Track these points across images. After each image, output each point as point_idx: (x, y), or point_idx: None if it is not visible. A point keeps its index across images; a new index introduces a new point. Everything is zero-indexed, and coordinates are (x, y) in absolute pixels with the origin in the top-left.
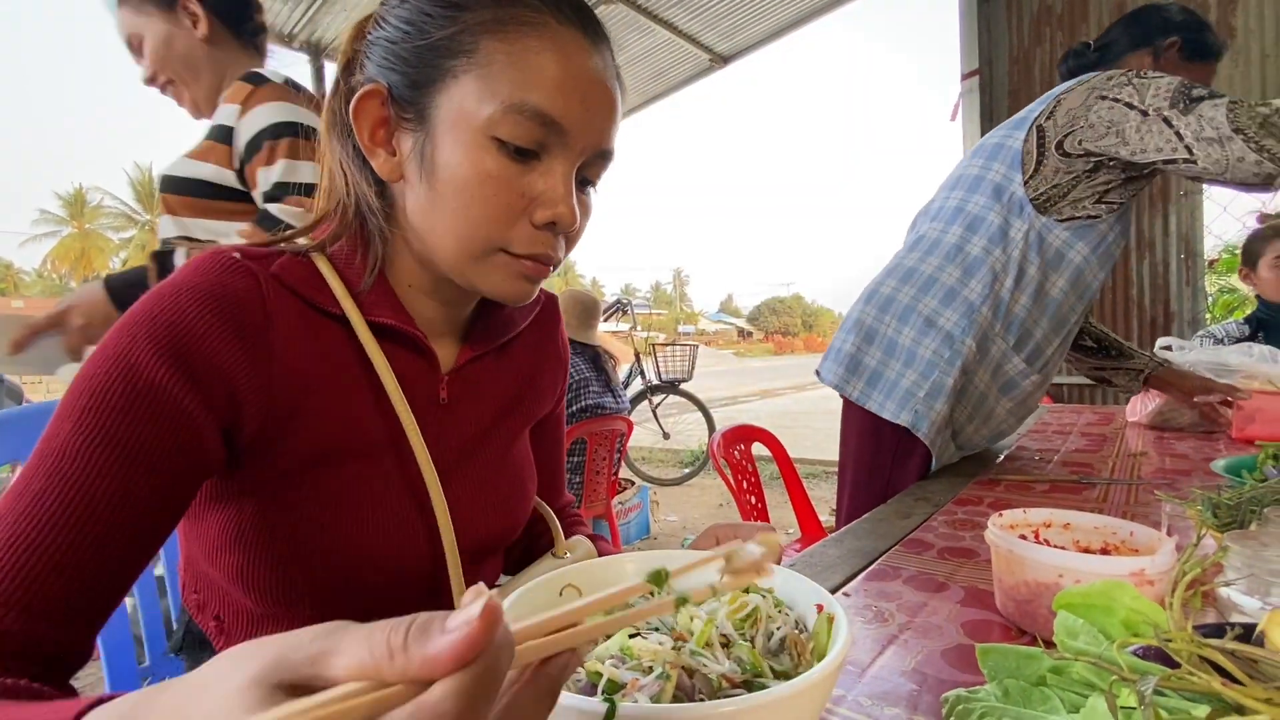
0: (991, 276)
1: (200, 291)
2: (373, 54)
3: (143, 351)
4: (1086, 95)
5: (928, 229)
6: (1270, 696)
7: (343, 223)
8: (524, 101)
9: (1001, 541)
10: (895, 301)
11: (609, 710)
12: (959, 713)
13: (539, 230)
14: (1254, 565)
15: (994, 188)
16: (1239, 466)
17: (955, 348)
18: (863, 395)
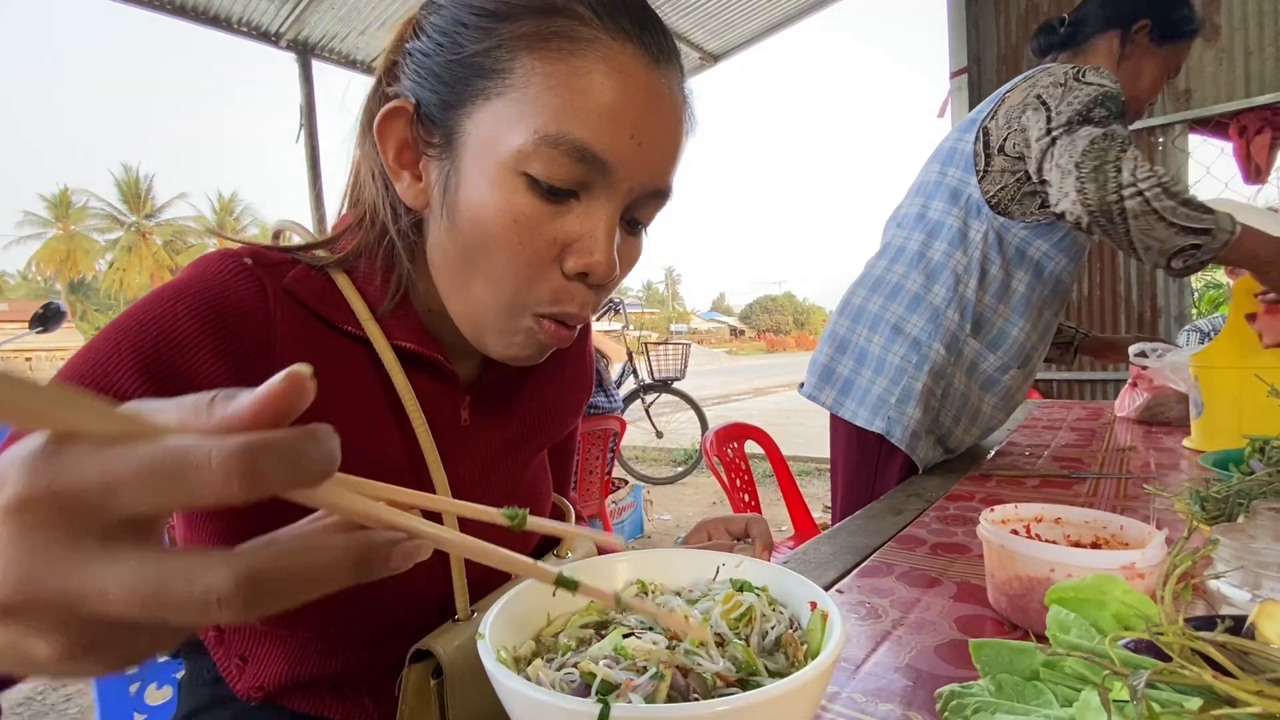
0: (954, 279)
1: (200, 300)
2: (408, 65)
3: (121, 361)
4: (1026, 94)
5: (894, 236)
6: (1262, 689)
7: (366, 238)
8: (561, 133)
9: (994, 536)
10: (865, 311)
11: (602, 711)
12: (953, 708)
13: (569, 282)
14: (1243, 558)
15: (951, 191)
16: (1226, 460)
17: (922, 352)
18: (835, 404)
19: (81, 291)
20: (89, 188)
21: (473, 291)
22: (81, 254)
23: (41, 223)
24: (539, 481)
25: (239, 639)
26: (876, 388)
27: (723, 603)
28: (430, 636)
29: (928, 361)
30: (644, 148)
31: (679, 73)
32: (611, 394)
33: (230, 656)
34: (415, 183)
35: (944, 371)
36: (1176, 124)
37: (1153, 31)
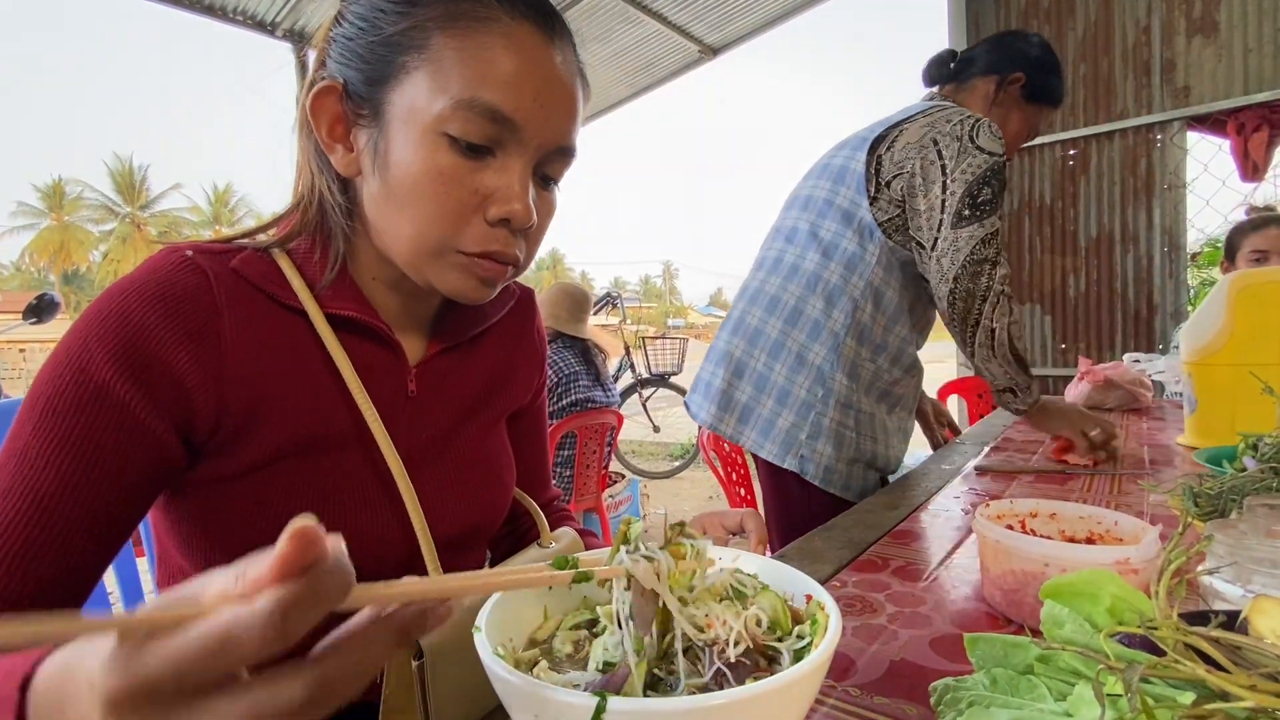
0: (852, 305)
1: (148, 291)
2: (333, 51)
3: (93, 354)
4: (923, 134)
5: (784, 251)
6: (1254, 683)
7: (304, 219)
8: (474, 98)
9: (989, 531)
10: (763, 334)
11: (599, 704)
12: (947, 701)
13: (493, 228)
14: (1236, 553)
15: (843, 213)
16: (1219, 457)
17: (828, 385)
18: (736, 433)
19: (75, 282)
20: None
21: (405, 237)
22: (75, 245)
23: (35, 213)
24: (498, 455)
25: None
26: (783, 421)
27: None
28: None
29: (833, 395)
30: (546, 109)
31: (572, 48)
32: (609, 388)
33: None
34: (348, 153)
35: (850, 400)
36: (1175, 121)
37: (1025, 87)
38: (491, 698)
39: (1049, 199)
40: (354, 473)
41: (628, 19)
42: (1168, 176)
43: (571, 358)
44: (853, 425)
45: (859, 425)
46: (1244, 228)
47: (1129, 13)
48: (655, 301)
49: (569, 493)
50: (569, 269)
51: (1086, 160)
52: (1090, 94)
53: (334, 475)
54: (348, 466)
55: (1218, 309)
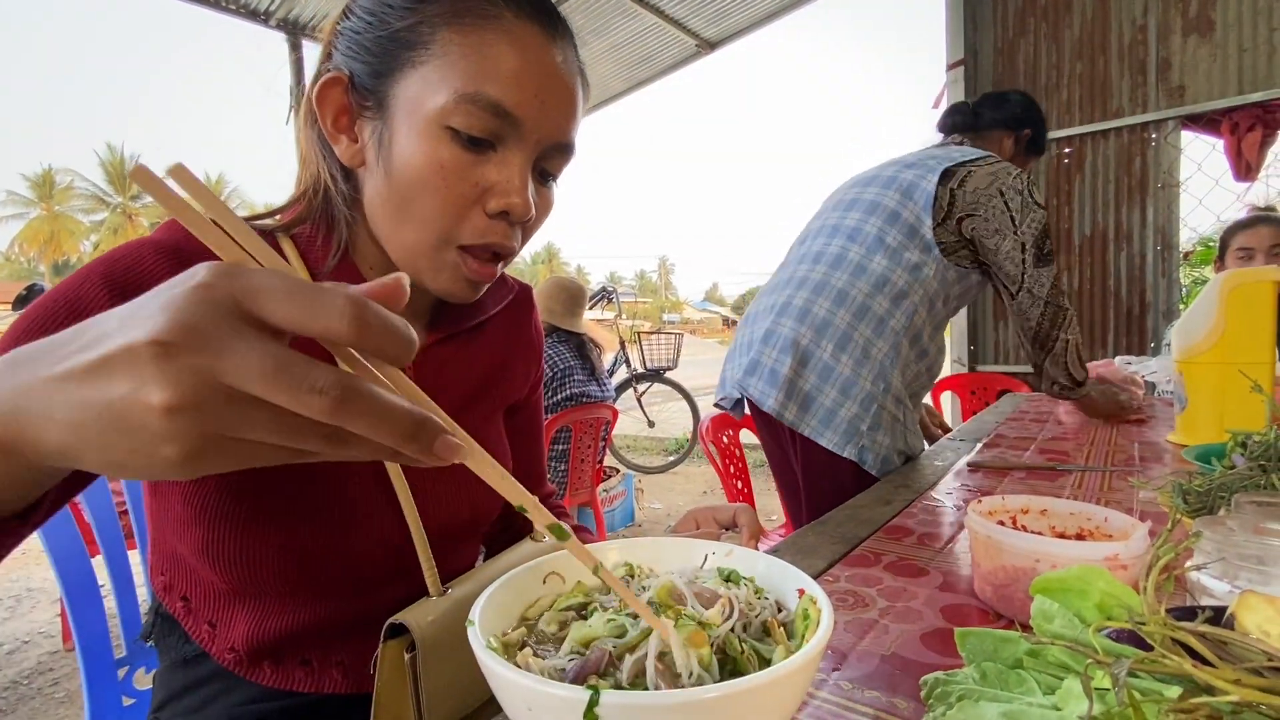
0: (913, 309)
1: (164, 246)
2: (340, 44)
3: (93, 287)
4: (990, 182)
5: (847, 248)
6: (1239, 677)
7: (309, 206)
8: (477, 92)
9: (980, 527)
10: (831, 325)
11: (592, 698)
12: (938, 695)
13: (492, 220)
14: (1224, 550)
15: (909, 227)
16: (1208, 454)
17: (887, 380)
18: (797, 419)
19: (65, 273)
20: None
21: (407, 231)
22: (66, 235)
23: (25, 202)
24: (493, 448)
25: (206, 606)
26: (845, 411)
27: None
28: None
29: (891, 389)
30: (547, 105)
31: (573, 47)
32: (604, 383)
33: (200, 624)
34: (352, 144)
35: (901, 396)
36: (1169, 120)
37: (1030, 142)
38: (483, 691)
39: (1044, 196)
40: (348, 462)
41: (625, 12)
42: (1162, 175)
43: (567, 352)
44: (902, 419)
45: (907, 419)
46: (1234, 227)
47: (1125, 11)
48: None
49: (563, 487)
50: (564, 263)
51: (1081, 158)
52: (1086, 92)
53: (327, 465)
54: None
55: (1209, 308)
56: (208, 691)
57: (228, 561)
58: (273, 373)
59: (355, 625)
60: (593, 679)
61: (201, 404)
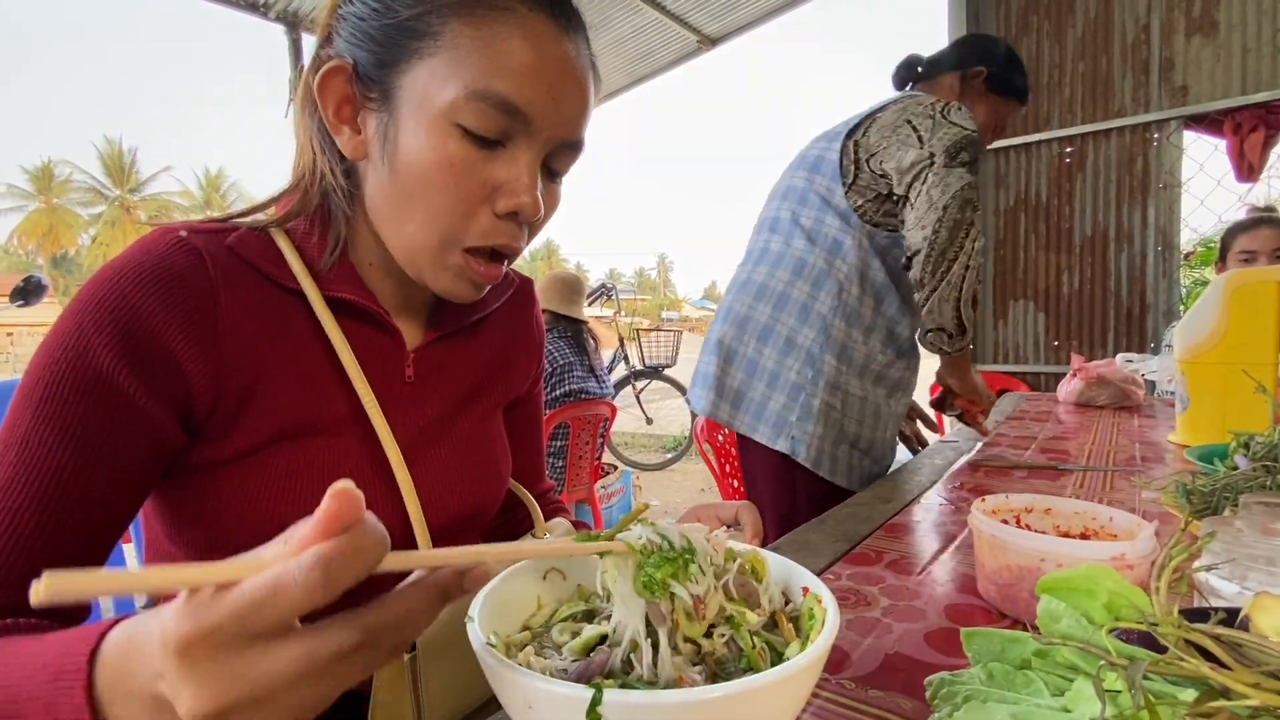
0: (837, 287)
1: (142, 273)
2: (343, 29)
3: (89, 339)
4: (898, 116)
5: (769, 240)
6: (1257, 680)
7: (305, 199)
8: (488, 88)
9: (985, 526)
10: (751, 320)
11: (595, 696)
12: (943, 695)
13: (500, 220)
14: (1233, 551)
15: (821, 200)
16: (1211, 455)
17: (817, 367)
18: (730, 418)
19: (64, 266)
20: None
21: (410, 229)
22: (64, 228)
23: (23, 195)
24: (493, 443)
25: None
26: (774, 404)
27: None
28: None
29: (822, 376)
30: (558, 102)
31: (585, 42)
32: (602, 379)
33: None
34: (354, 135)
35: (838, 382)
36: (1171, 120)
37: (989, 80)
38: (482, 691)
39: (1045, 196)
40: (349, 458)
41: (627, 7)
42: (1163, 175)
43: (566, 347)
44: (839, 406)
45: (846, 407)
46: (1235, 228)
47: (1129, 11)
48: (650, 294)
49: (561, 484)
50: (564, 259)
51: (1083, 158)
52: (1088, 92)
53: (329, 460)
54: (343, 451)
55: (1211, 308)
56: None
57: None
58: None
59: None
60: (596, 679)
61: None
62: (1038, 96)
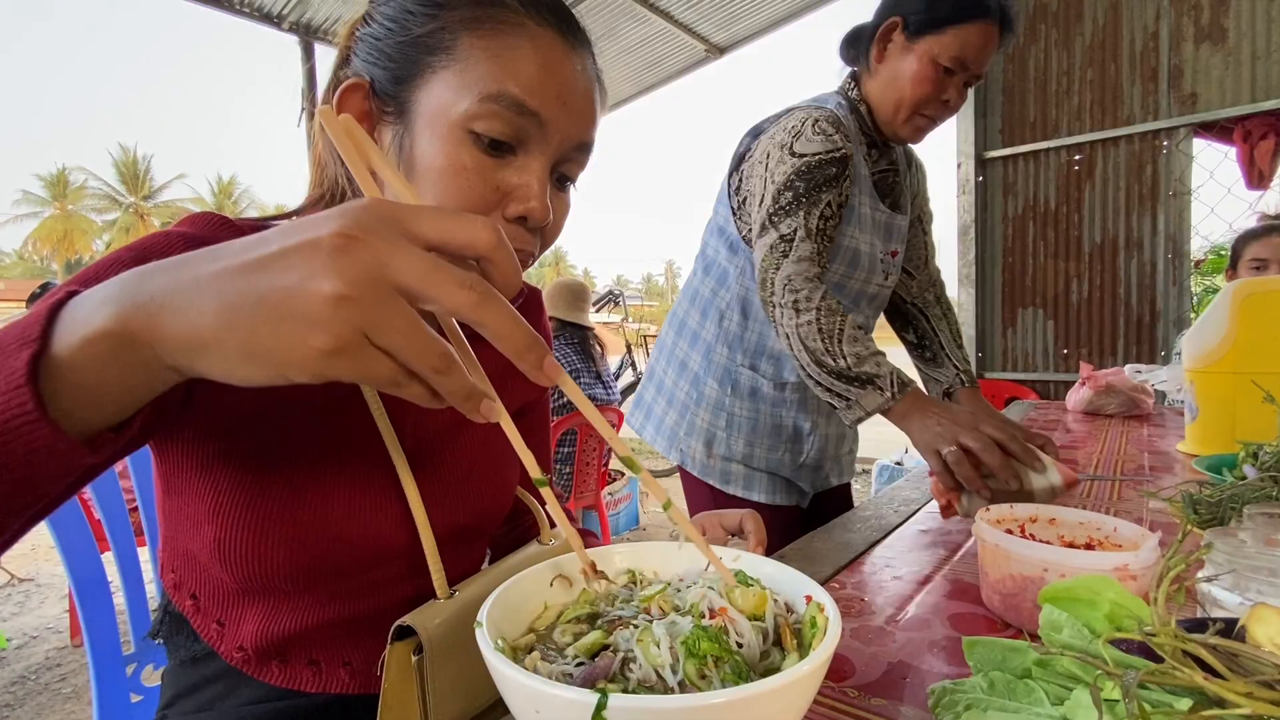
0: (719, 316)
1: (190, 239)
2: (360, 50)
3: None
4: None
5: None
6: (1251, 690)
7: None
8: (501, 91)
9: (988, 535)
10: (664, 344)
11: (600, 700)
12: (945, 704)
13: (511, 224)
14: (1235, 561)
15: (718, 229)
16: (1219, 465)
17: (700, 389)
18: (640, 427)
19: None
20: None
21: None
22: (79, 234)
23: (39, 201)
24: (498, 450)
25: (214, 605)
26: (669, 419)
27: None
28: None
29: (704, 399)
30: (568, 106)
31: (591, 56)
32: (609, 385)
33: (209, 622)
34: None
35: (720, 404)
36: (1181, 128)
37: (906, 28)
38: (490, 693)
39: (1054, 204)
40: (357, 465)
41: (635, 16)
42: (1173, 183)
43: (572, 354)
44: (724, 426)
45: (730, 427)
46: (1246, 236)
47: (1137, 19)
48: (657, 300)
49: (568, 490)
50: (571, 266)
51: (1092, 165)
52: (1097, 99)
53: (338, 464)
54: (350, 459)
55: (1221, 317)
56: (215, 690)
57: (239, 560)
58: (432, 270)
59: (363, 626)
60: (601, 683)
61: (363, 297)
62: (1046, 104)
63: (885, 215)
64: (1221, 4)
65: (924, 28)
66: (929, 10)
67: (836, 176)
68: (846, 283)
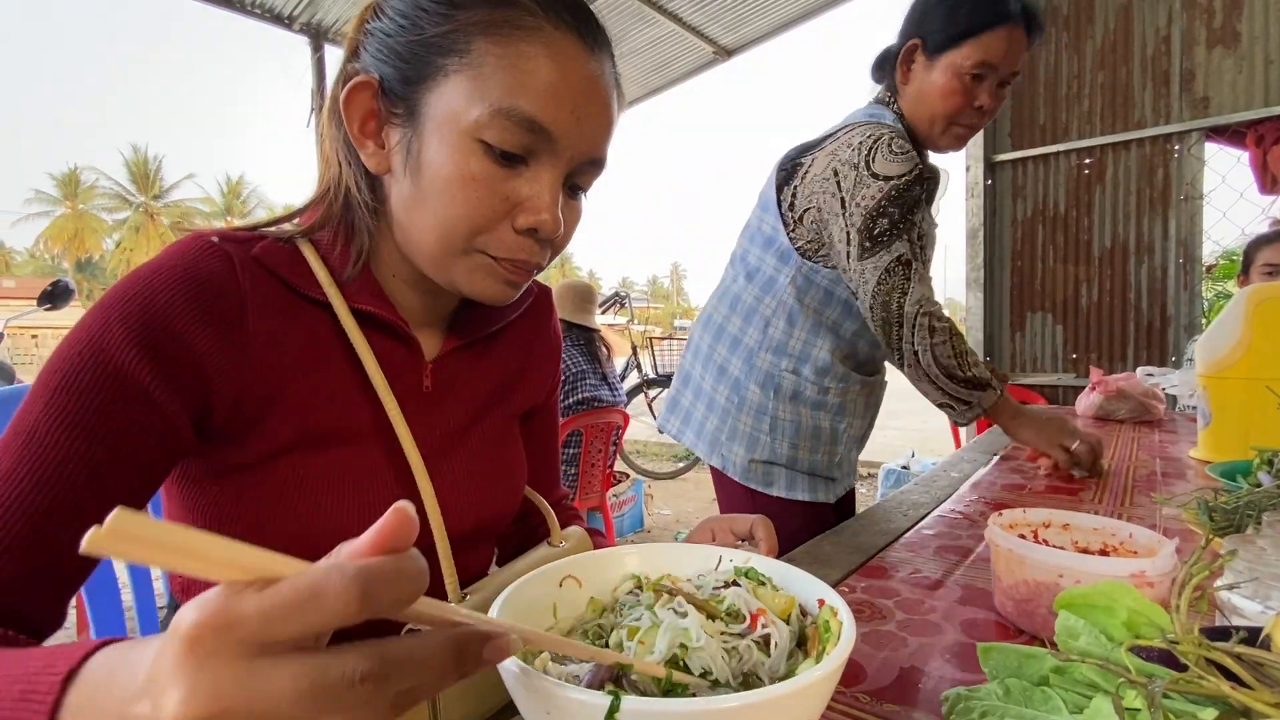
0: (763, 322)
1: (174, 274)
2: (369, 44)
3: (113, 334)
4: (827, 164)
5: (727, 275)
6: (1278, 700)
7: (329, 211)
8: (513, 106)
9: (1002, 540)
10: (701, 349)
11: (613, 703)
12: (959, 711)
13: (519, 235)
14: (1256, 569)
15: (765, 239)
16: (1233, 471)
17: (741, 394)
18: (679, 432)
19: (89, 270)
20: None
21: (433, 240)
22: (89, 233)
23: (50, 200)
24: (507, 451)
25: None
26: (709, 424)
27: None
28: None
29: (746, 403)
30: (582, 121)
31: (611, 60)
32: (615, 387)
33: None
34: (379, 150)
35: (764, 408)
36: (1193, 132)
37: (925, 49)
38: (499, 695)
39: (1064, 208)
40: (370, 467)
41: (643, 18)
42: (1184, 187)
43: (579, 355)
44: (767, 430)
45: (774, 431)
46: (1259, 241)
47: (1149, 22)
48: (663, 302)
49: (574, 491)
50: (577, 268)
51: (1102, 169)
52: (1108, 103)
53: (349, 469)
54: (364, 461)
55: (1234, 322)
56: None
57: None
58: (308, 692)
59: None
60: (609, 685)
61: None
62: (1056, 107)
63: (929, 225)
64: (1234, 7)
65: (942, 46)
66: (946, 28)
67: (919, 197)
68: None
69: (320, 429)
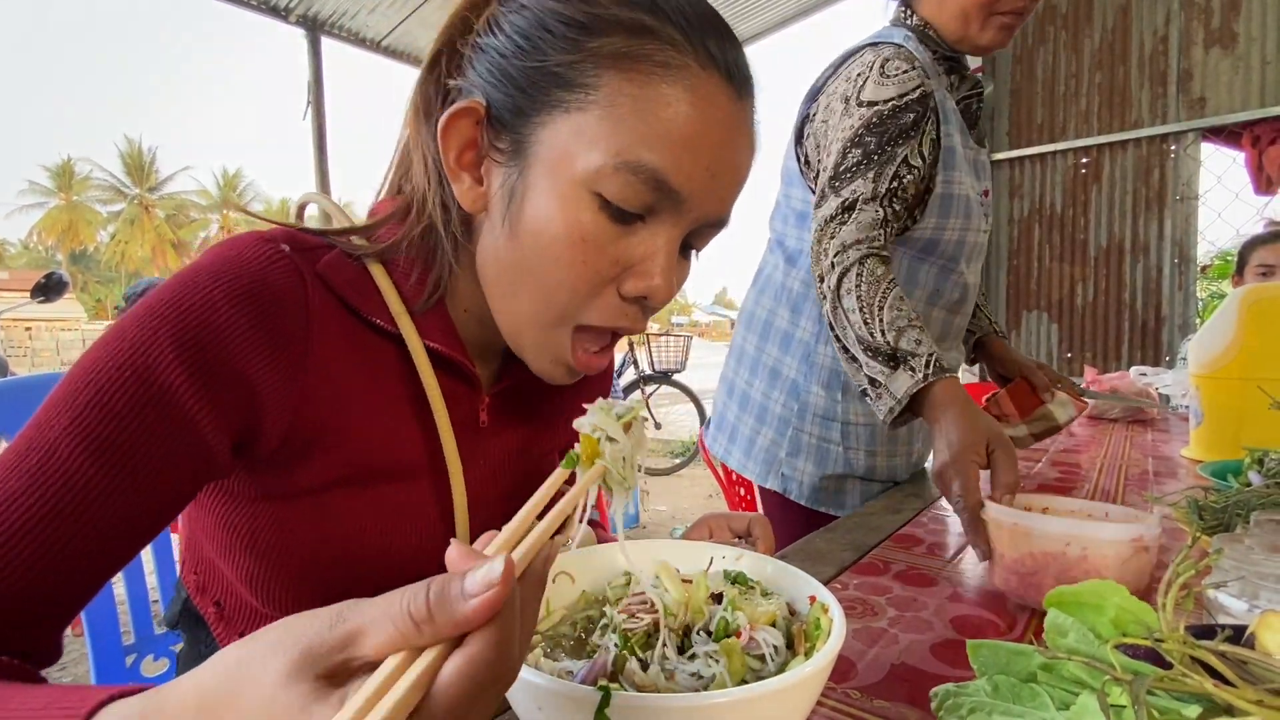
0: (817, 310)
1: (237, 286)
2: (478, 61)
3: (162, 351)
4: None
5: (763, 264)
6: (1261, 698)
7: (408, 233)
8: (642, 161)
9: (1005, 516)
10: (745, 352)
11: (603, 698)
12: (949, 707)
13: (625, 302)
14: (1243, 568)
15: (798, 215)
16: (1224, 471)
17: (802, 399)
18: (725, 452)
19: (83, 262)
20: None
21: (521, 301)
22: (83, 224)
23: (44, 192)
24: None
25: (240, 618)
26: (762, 438)
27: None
28: None
29: (809, 408)
30: (715, 180)
31: (754, 102)
32: (611, 384)
33: (232, 633)
34: (476, 186)
35: (831, 411)
36: (1189, 132)
37: None
38: None
39: (1060, 207)
40: (416, 503)
41: None
42: (1180, 188)
43: None
44: (838, 439)
45: (846, 438)
46: (1253, 242)
47: (1147, 22)
48: None
49: None
50: None
51: (1099, 169)
52: (1105, 102)
53: (395, 504)
54: (411, 496)
55: (1228, 322)
56: None
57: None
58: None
59: None
60: (602, 680)
61: None
62: (1054, 107)
63: (973, 152)
64: (1232, 8)
65: None
66: None
67: (915, 122)
68: (964, 235)
69: (372, 464)
